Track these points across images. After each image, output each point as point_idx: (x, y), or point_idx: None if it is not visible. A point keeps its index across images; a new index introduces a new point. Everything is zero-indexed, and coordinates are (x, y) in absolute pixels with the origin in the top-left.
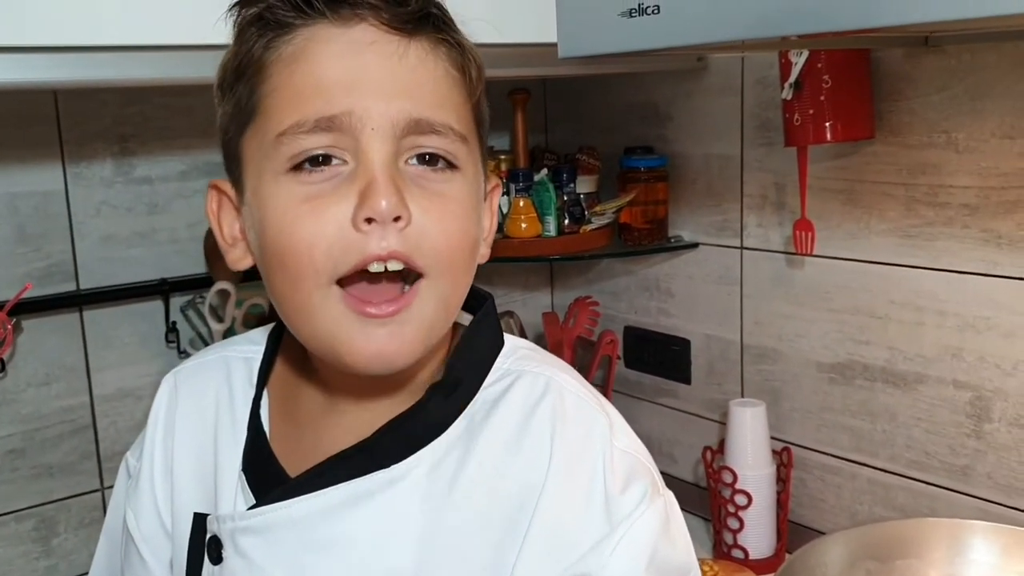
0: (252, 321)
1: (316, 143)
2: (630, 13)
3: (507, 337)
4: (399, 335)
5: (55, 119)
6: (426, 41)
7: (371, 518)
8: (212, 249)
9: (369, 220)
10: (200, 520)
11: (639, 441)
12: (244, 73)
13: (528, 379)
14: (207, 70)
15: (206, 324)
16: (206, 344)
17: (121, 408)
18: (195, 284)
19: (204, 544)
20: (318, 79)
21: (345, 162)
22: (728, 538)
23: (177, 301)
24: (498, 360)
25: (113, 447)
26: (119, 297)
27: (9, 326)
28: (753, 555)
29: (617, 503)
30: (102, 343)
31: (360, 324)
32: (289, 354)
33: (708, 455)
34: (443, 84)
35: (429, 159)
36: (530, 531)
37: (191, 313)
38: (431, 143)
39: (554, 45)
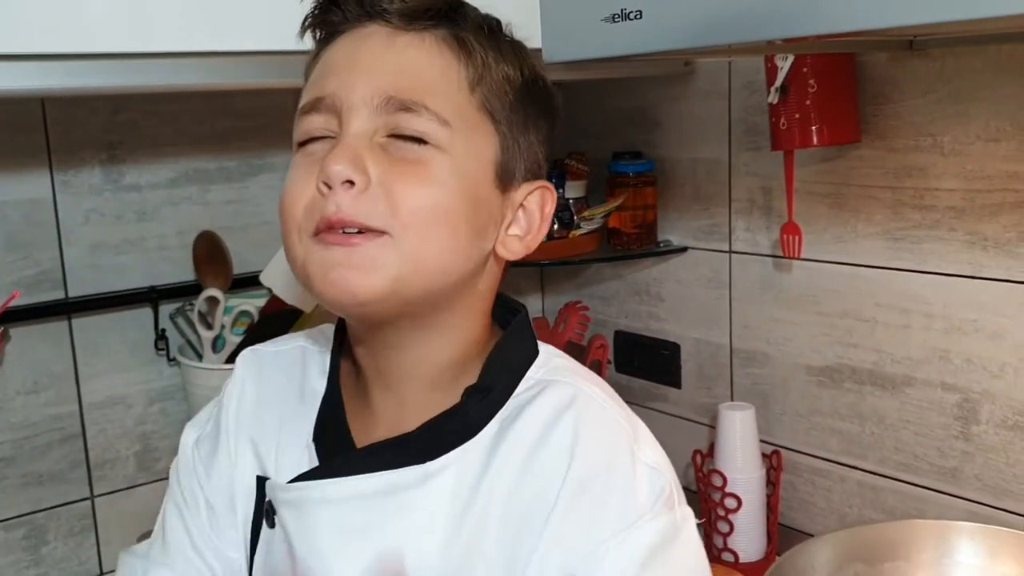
0: (241, 328)
1: (312, 123)
2: (613, 18)
3: (542, 347)
4: (361, 274)
5: (43, 127)
6: (425, 33)
7: (402, 510)
8: (201, 256)
9: (327, 185)
10: (261, 483)
11: (663, 454)
12: (306, 77)
13: (556, 388)
14: (195, 77)
15: (195, 331)
16: (196, 352)
17: (111, 416)
18: (184, 291)
19: (263, 507)
20: (324, 69)
21: (334, 137)
22: (718, 541)
23: (166, 309)
24: (531, 369)
25: (103, 455)
26: (108, 305)
27: None
28: (743, 558)
29: (629, 512)
30: (91, 351)
31: (323, 250)
32: (347, 352)
33: (698, 458)
34: (427, 66)
35: (406, 137)
36: (544, 535)
37: (180, 320)
38: (405, 123)
39: (538, 51)
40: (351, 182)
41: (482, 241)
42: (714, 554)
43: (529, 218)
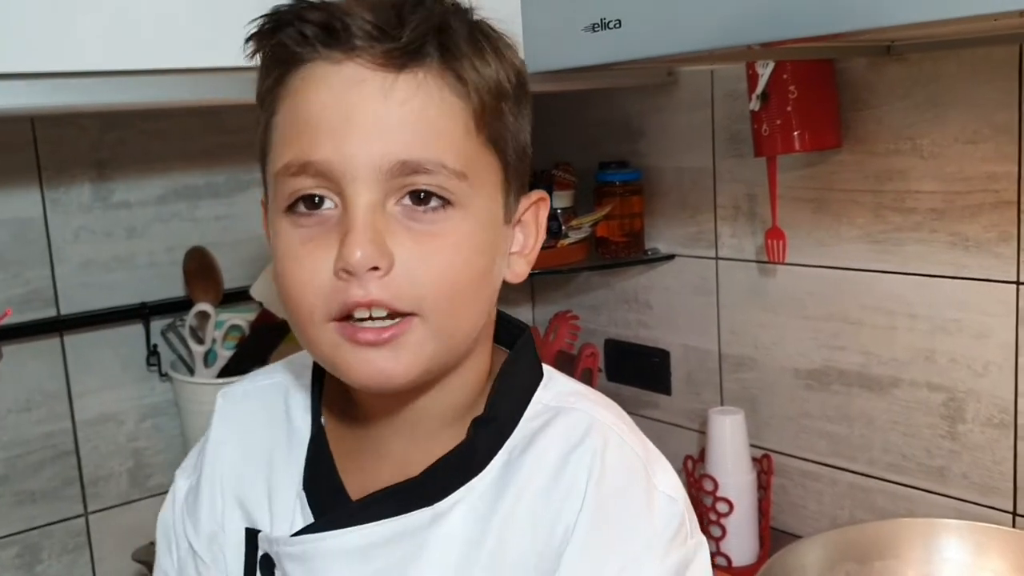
0: (232, 342)
1: (305, 184)
2: (593, 28)
3: (545, 369)
4: (394, 358)
5: (32, 145)
6: (420, 71)
7: (415, 553)
8: (191, 272)
9: (348, 272)
10: (252, 536)
11: (677, 479)
12: (263, 103)
13: (570, 417)
14: (183, 94)
15: (187, 346)
16: (188, 367)
17: (103, 432)
18: (175, 307)
19: (256, 561)
20: (306, 119)
21: (335, 205)
22: (711, 546)
23: (157, 325)
24: (537, 393)
25: (96, 472)
26: (99, 322)
27: None
28: (736, 562)
29: (646, 545)
30: (83, 368)
31: (355, 350)
32: (335, 383)
33: (689, 464)
34: (436, 118)
35: (423, 196)
36: (561, 569)
37: (172, 336)
38: (422, 181)
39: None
40: (376, 267)
41: (497, 281)
42: None
43: (526, 231)
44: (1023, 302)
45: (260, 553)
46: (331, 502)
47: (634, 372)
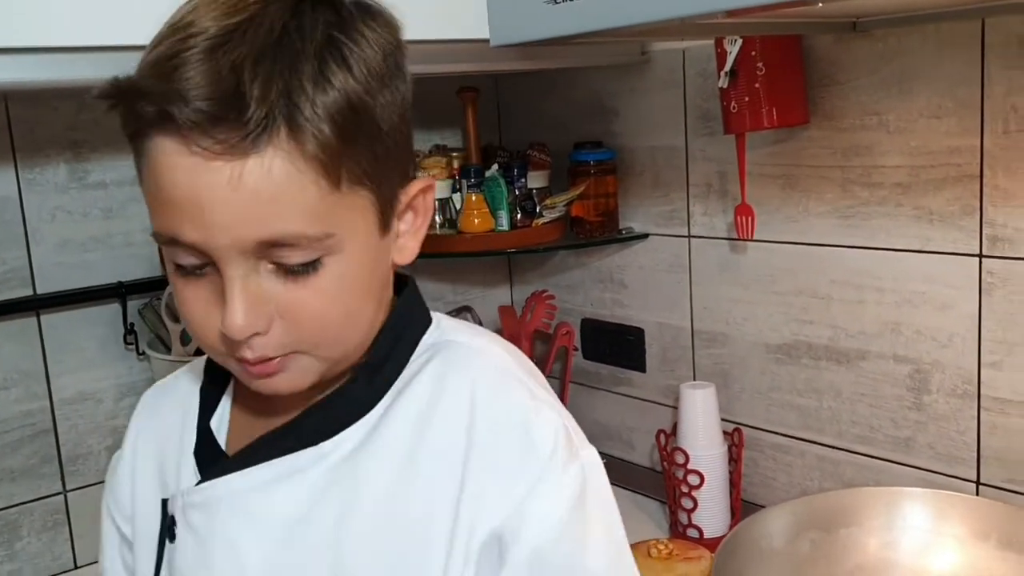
0: None
1: (181, 254)
2: (555, 0)
3: (434, 315)
4: (286, 379)
5: (7, 126)
6: (268, 151)
7: (298, 493)
8: None
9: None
10: (165, 504)
11: (561, 405)
12: (130, 139)
13: (448, 349)
14: None
15: (163, 325)
16: (165, 345)
17: (82, 411)
18: (151, 286)
19: (166, 524)
20: (166, 199)
21: (217, 269)
22: (683, 518)
23: (134, 304)
24: (424, 336)
25: (74, 450)
26: (76, 301)
27: None
28: (708, 533)
29: (535, 465)
30: (60, 347)
31: (247, 374)
32: None
33: (662, 438)
34: (289, 194)
35: (291, 265)
36: (461, 496)
37: (148, 314)
38: (285, 256)
39: (486, 41)
40: (256, 332)
41: (384, 279)
42: (679, 530)
43: (414, 212)
44: (986, 274)
45: (168, 517)
46: (210, 461)
47: (610, 350)
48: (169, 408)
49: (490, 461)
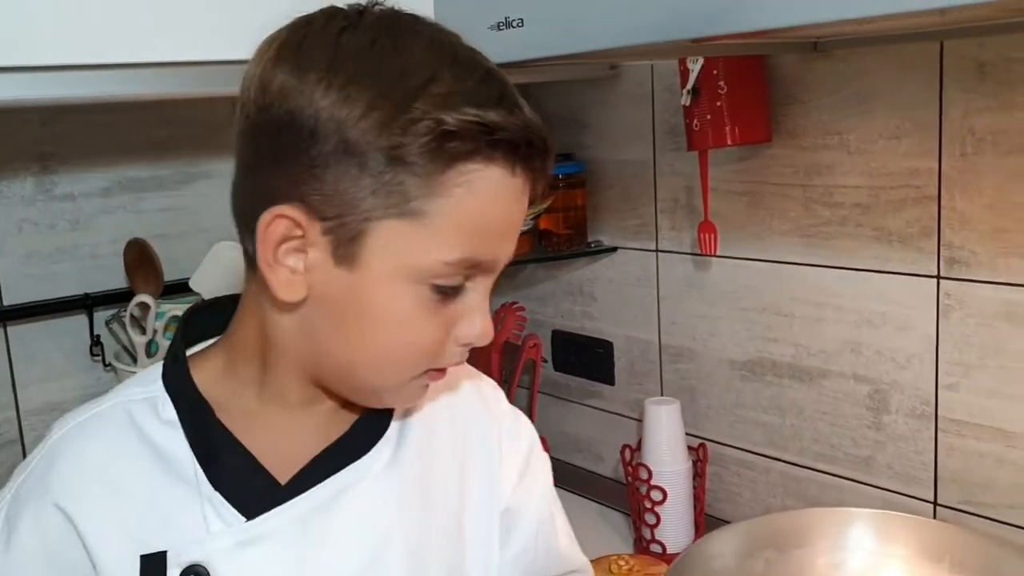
0: (172, 332)
1: (462, 277)
2: (498, 26)
3: None
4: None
5: None
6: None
7: (357, 504)
8: (131, 263)
9: (466, 344)
10: (155, 559)
11: None
12: (409, 167)
13: None
14: (127, 87)
15: (129, 337)
16: (132, 356)
17: (48, 421)
18: (118, 298)
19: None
20: (486, 222)
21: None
22: (646, 533)
23: (101, 315)
24: None
25: None
26: (43, 312)
27: None
28: (671, 549)
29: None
30: (27, 358)
31: (421, 385)
32: (217, 382)
33: (627, 453)
34: None
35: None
36: (467, 483)
37: (115, 326)
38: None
39: None
40: None
41: None
42: (643, 545)
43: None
44: (943, 296)
45: (181, 568)
46: (256, 486)
47: (580, 363)
48: (110, 447)
49: (487, 454)
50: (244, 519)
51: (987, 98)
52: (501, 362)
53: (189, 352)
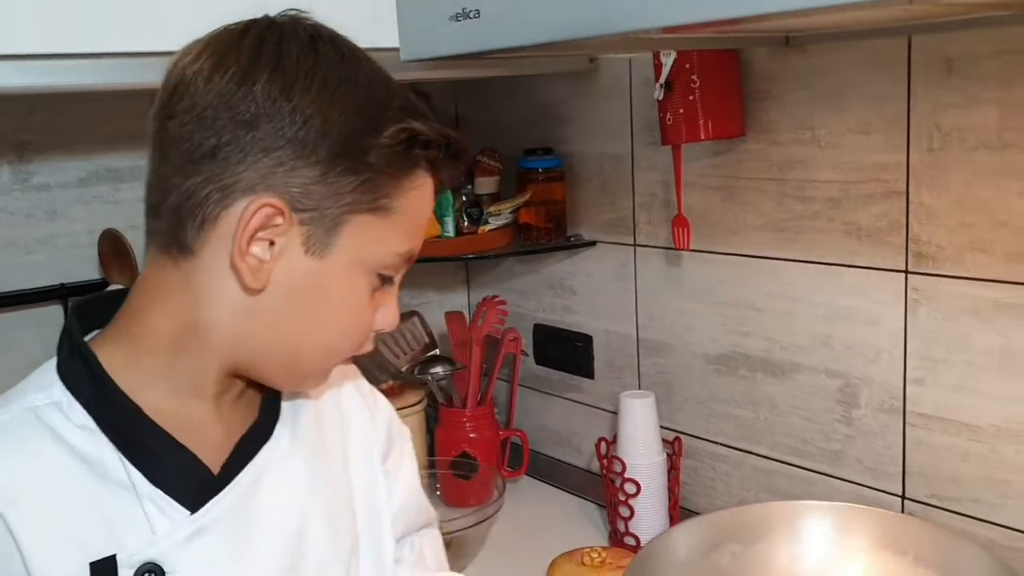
0: None
1: (403, 267)
2: (456, 17)
3: None
4: None
5: None
6: None
7: (275, 484)
8: (105, 253)
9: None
10: (105, 564)
11: None
12: (385, 168)
13: None
14: (105, 77)
15: None
16: None
17: None
18: (94, 288)
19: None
20: (422, 219)
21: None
22: (620, 525)
23: None
24: None
25: None
26: (19, 302)
27: None
28: (644, 541)
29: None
30: (3, 347)
31: (344, 364)
32: (125, 378)
33: (603, 446)
34: None
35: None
36: (349, 454)
37: None
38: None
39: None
40: None
41: None
42: (617, 538)
43: None
44: (911, 291)
45: (134, 569)
46: (194, 477)
47: (561, 357)
48: (56, 470)
49: (360, 424)
50: (188, 512)
51: (954, 94)
52: (482, 356)
53: None
